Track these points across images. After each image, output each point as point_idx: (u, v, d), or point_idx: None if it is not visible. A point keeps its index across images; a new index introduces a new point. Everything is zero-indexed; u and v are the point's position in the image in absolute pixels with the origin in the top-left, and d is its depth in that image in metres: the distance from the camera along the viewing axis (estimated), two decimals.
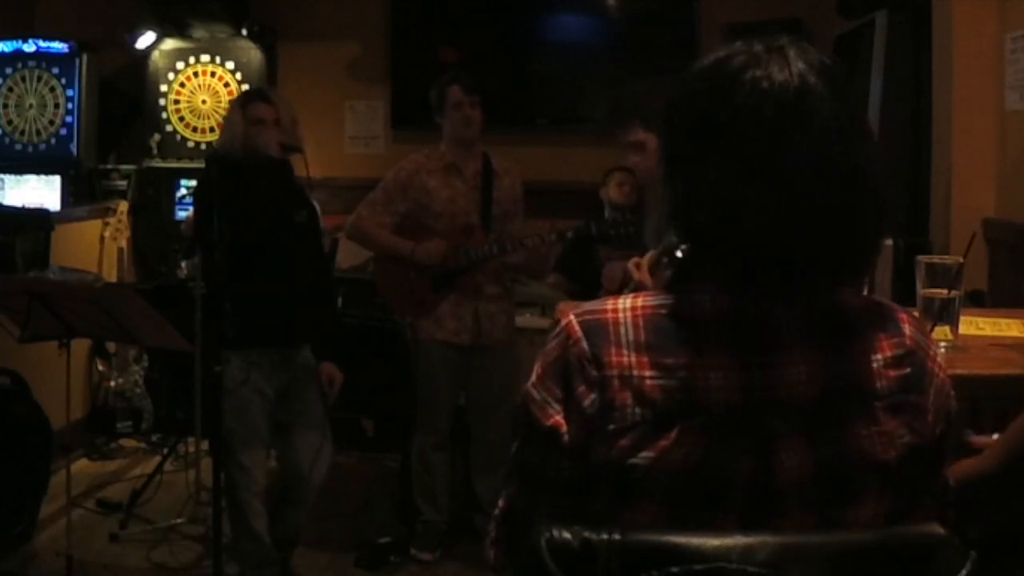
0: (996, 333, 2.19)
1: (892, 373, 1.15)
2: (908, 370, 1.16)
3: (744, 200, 1.10)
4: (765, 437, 1.11)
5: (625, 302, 1.17)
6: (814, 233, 1.11)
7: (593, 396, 1.13)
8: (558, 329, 1.19)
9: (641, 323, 1.14)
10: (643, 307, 1.16)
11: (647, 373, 1.11)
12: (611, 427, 1.12)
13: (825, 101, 1.12)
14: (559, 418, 1.15)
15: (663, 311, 1.15)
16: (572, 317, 1.18)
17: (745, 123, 1.11)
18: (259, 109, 3.44)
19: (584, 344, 1.15)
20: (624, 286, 2.67)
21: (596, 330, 1.15)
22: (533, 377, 1.20)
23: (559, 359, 1.17)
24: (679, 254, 2.83)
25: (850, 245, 1.15)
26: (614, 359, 1.13)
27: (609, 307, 1.17)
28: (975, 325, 2.19)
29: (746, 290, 1.14)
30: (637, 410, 1.11)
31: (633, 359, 1.12)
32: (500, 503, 1.27)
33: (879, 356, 1.15)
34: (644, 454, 1.10)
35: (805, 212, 1.10)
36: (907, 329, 1.19)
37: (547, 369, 1.18)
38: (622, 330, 1.14)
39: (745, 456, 1.10)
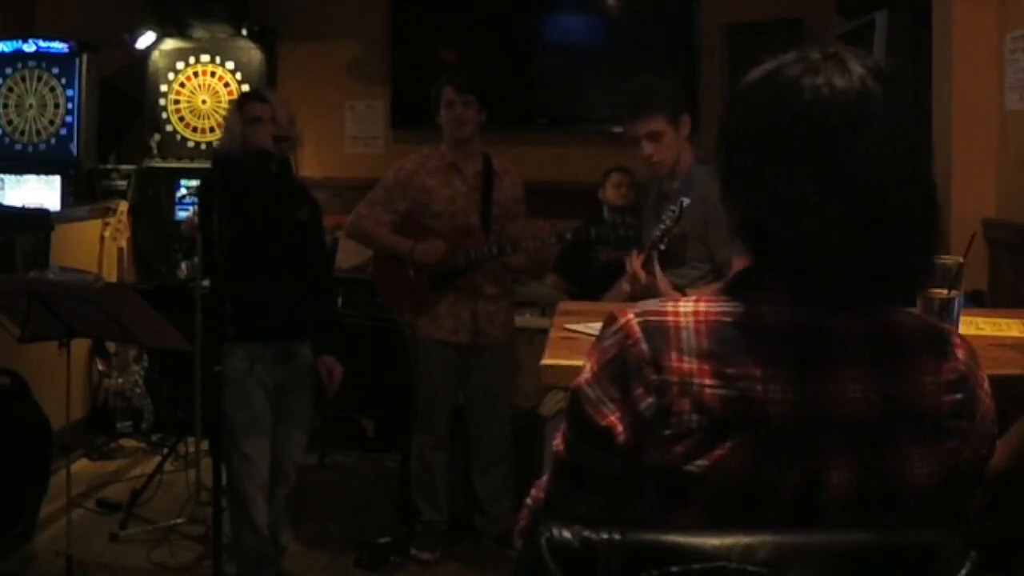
0: (996, 333, 2.19)
1: (945, 398, 1.15)
2: (960, 396, 1.16)
3: (809, 208, 1.10)
4: (816, 453, 1.11)
5: (687, 306, 1.16)
6: (878, 240, 1.12)
7: (650, 400, 1.12)
8: (616, 327, 1.18)
9: (704, 329, 1.14)
10: (706, 313, 1.15)
11: (707, 382, 1.11)
12: (667, 432, 1.11)
13: (886, 106, 1.12)
14: (614, 418, 1.14)
15: (726, 319, 1.14)
16: (632, 316, 1.17)
17: (808, 131, 1.11)
18: (255, 108, 3.49)
19: (644, 346, 1.14)
20: (636, 296, 2.68)
21: (657, 333, 1.14)
22: (587, 374, 1.19)
23: (616, 359, 1.16)
24: (662, 246, 2.85)
25: (911, 253, 1.16)
26: (675, 365, 1.12)
27: (670, 310, 1.16)
28: (975, 325, 2.19)
29: (808, 301, 1.14)
30: (694, 417, 1.10)
31: (695, 366, 1.12)
32: (533, 492, 1.27)
33: (934, 380, 1.15)
34: (699, 462, 1.10)
35: (869, 219, 1.11)
36: (961, 354, 1.19)
37: (604, 368, 1.17)
38: (684, 335, 1.13)
39: (795, 470, 1.11)
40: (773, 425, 1.10)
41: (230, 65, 5.93)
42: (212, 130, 5.87)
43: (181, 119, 5.96)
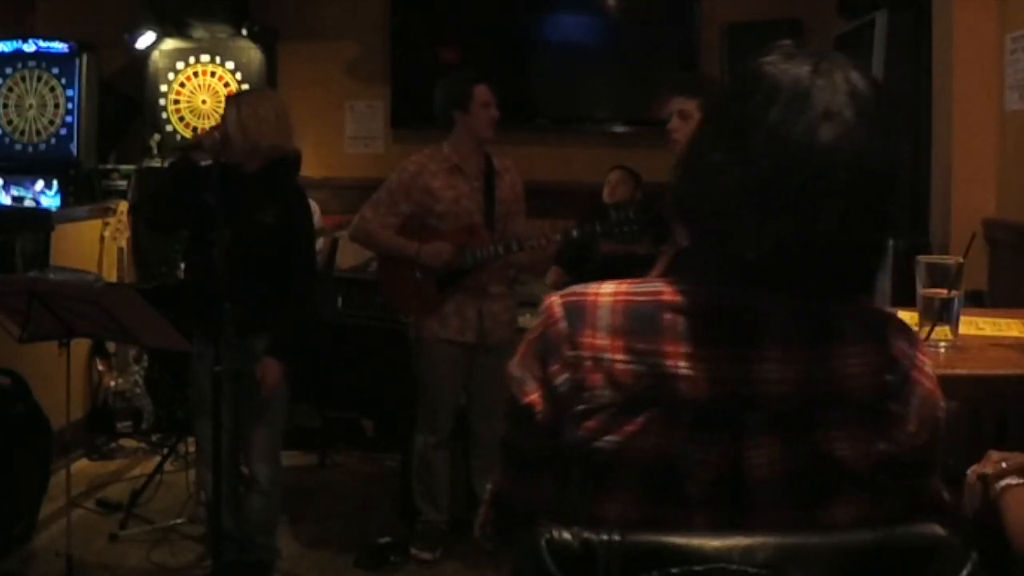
0: (996, 333, 2.19)
1: (870, 380, 1.13)
2: (888, 378, 1.14)
3: (738, 184, 1.10)
4: (736, 432, 1.11)
5: (609, 287, 1.18)
6: (806, 229, 1.09)
7: (566, 375, 1.14)
8: (541, 309, 1.21)
9: (620, 308, 1.15)
10: (626, 292, 1.17)
11: (619, 357, 1.12)
12: (580, 407, 1.13)
13: (844, 97, 1.10)
14: (536, 396, 1.17)
15: (643, 297, 1.16)
16: (556, 298, 1.20)
17: (755, 107, 1.11)
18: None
19: (563, 324, 1.17)
20: None
21: (576, 312, 1.17)
22: (516, 356, 1.22)
23: (539, 339, 1.19)
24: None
25: (843, 253, 1.12)
26: (588, 340, 1.14)
27: (592, 290, 1.19)
28: (975, 325, 2.19)
29: (734, 283, 1.13)
30: (607, 392, 1.12)
31: (607, 342, 1.13)
32: (489, 485, 1.29)
33: (860, 362, 1.13)
34: (609, 438, 1.11)
35: (799, 204, 1.08)
36: (892, 337, 1.16)
37: (528, 348, 1.20)
38: (600, 313, 1.15)
39: (715, 449, 1.10)
40: (686, 402, 1.10)
41: (230, 65, 5.93)
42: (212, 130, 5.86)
43: (181, 119, 5.97)
